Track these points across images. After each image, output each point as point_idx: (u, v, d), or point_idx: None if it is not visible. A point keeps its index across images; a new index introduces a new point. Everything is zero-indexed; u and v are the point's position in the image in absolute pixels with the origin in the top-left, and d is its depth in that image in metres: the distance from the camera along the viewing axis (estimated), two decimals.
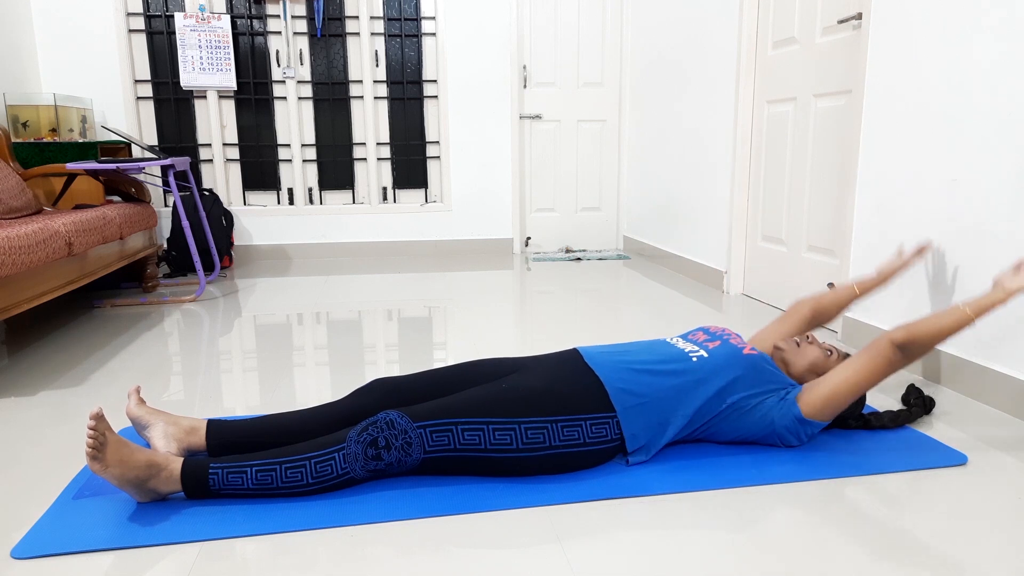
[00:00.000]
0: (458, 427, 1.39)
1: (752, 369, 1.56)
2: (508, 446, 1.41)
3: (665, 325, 2.77)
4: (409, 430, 1.37)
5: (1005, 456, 1.58)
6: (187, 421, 1.50)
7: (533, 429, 1.42)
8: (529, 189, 4.85)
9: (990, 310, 1.55)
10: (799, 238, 2.87)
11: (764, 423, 1.55)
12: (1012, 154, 1.79)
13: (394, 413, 1.39)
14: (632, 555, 1.20)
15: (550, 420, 1.43)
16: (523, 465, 1.43)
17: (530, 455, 1.42)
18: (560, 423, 1.43)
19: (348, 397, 1.56)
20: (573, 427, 1.44)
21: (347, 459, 1.36)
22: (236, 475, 1.34)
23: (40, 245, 2.30)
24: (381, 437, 1.36)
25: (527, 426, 1.41)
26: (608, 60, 4.75)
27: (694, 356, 1.57)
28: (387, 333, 2.72)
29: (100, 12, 4.20)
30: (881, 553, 1.20)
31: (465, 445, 1.40)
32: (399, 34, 4.56)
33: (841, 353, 1.70)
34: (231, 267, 4.33)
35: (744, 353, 1.58)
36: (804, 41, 2.79)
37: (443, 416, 1.40)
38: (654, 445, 1.51)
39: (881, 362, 1.52)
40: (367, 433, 1.37)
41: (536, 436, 1.42)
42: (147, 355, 2.43)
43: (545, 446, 1.42)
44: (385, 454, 1.37)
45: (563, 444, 1.44)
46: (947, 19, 1.99)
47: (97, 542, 1.23)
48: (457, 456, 1.41)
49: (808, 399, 1.55)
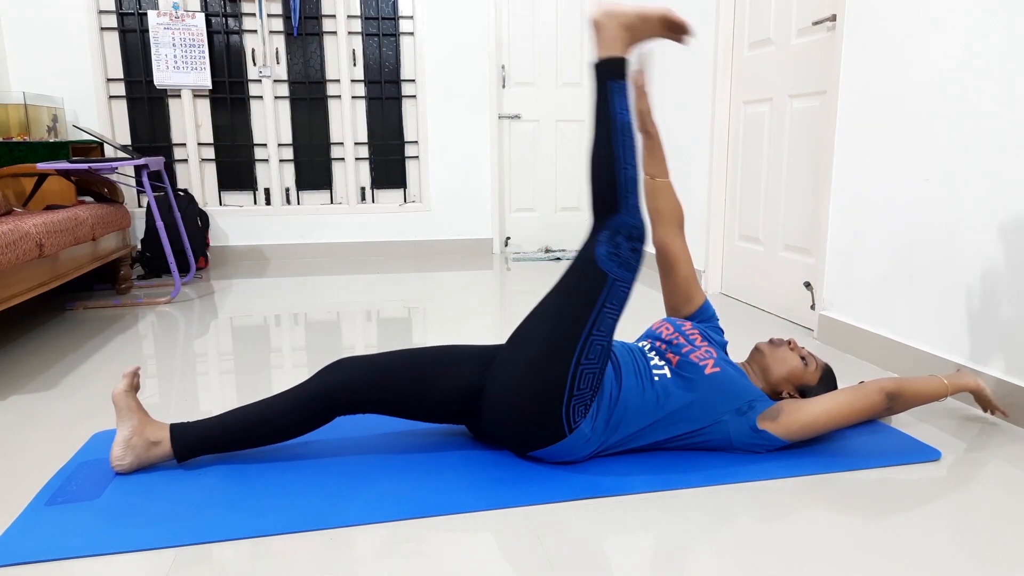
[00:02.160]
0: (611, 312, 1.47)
1: (713, 390, 1.52)
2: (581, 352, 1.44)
3: (643, 324, 2.79)
4: (628, 268, 1.46)
5: (978, 452, 1.60)
6: (153, 432, 1.48)
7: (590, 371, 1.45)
8: (508, 189, 4.85)
9: (961, 390, 1.70)
10: (775, 237, 2.90)
11: (721, 439, 1.54)
12: (985, 153, 1.83)
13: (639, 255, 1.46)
14: (612, 554, 1.20)
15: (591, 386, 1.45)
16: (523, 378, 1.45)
17: (563, 373, 1.42)
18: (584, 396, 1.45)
19: (314, 377, 1.52)
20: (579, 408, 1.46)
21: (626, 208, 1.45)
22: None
23: (10, 247, 2.25)
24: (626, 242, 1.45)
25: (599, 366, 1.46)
26: (587, 60, 4.76)
27: (656, 374, 1.54)
28: (366, 334, 2.71)
29: (71, 9, 4.13)
30: (856, 549, 1.21)
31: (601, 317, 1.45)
32: (377, 33, 4.53)
33: (819, 363, 1.69)
34: (207, 268, 4.28)
35: (706, 373, 1.53)
36: (780, 42, 2.82)
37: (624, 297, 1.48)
38: (595, 441, 1.49)
39: (867, 404, 1.56)
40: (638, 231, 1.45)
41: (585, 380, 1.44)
42: (121, 358, 2.39)
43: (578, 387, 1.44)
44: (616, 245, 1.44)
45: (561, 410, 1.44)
46: (920, 20, 2.02)
47: (70, 550, 1.21)
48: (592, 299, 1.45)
49: (785, 422, 1.52)
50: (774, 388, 1.66)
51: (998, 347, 1.81)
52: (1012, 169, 1.74)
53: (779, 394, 1.66)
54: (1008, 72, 1.75)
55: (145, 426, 1.48)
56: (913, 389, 1.62)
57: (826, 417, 1.53)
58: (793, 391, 1.65)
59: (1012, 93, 1.74)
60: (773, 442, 1.53)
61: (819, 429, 1.54)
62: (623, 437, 1.51)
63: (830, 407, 1.54)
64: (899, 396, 1.60)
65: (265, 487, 1.42)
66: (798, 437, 1.54)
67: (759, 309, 3.06)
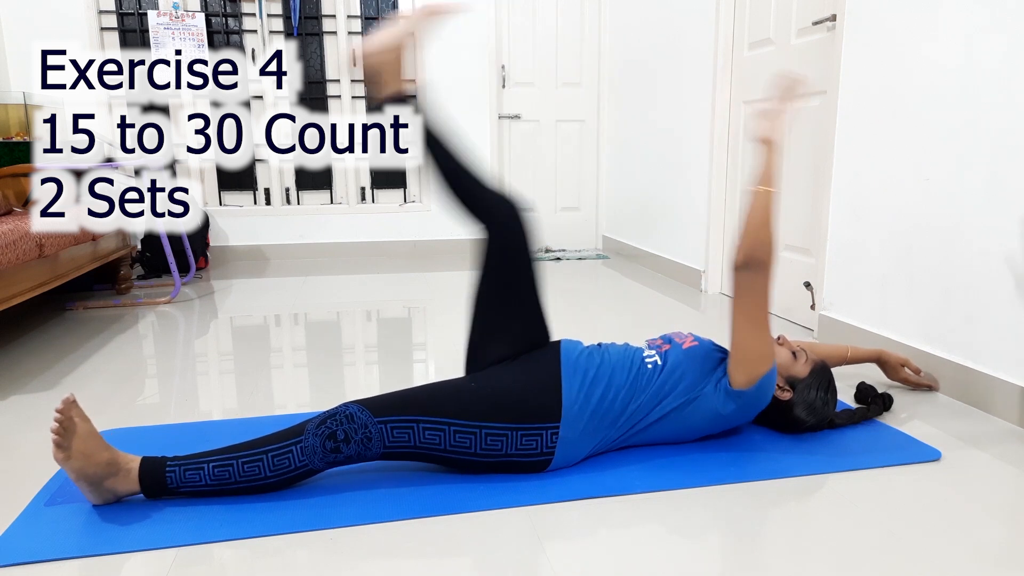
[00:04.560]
0: (419, 425, 1.38)
1: (688, 359, 1.54)
2: (467, 449, 1.40)
3: (644, 325, 2.79)
4: (370, 425, 1.35)
5: (979, 452, 1.60)
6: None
7: (493, 436, 1.41)
8: (508, 189, 4.84)
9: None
10: (777, 236, 2.90)
11: (711, 414, 1.52)
12: (984, 154, 1.83)
13: (354, 406, 1.37)
14: (613, 554, 1.20)
15: (510, 428, 1.41)
16: (477, 466, 1.44)
17: (486, 460, 1.42)
18: (519, 431, 1.42)
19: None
20: (532, 436, 1.43)
21: (305, 452, 1.34)
22: (193, 471, 1.32)
23: (10, 247, 2.25)
24: (340, 431, 1.34)
25: (487, 431, 1.40)
26: (586, 60, 4.76)
27: (648, 362, 1.55)
28: (366, 334, 2.71)
29: (71, 9, 4.13)
30: (856, 549, 1.21)
31: (425, 443, 1.39)
32: None
33: (811, 357, 1.68)
34: (207, 268, 4.28)
35: (684, 348, 1.57)
36: (779, 42, 2.82)
37: (405, 412, 1.38)
38: (579, 453, 1.49)
39: (742, 291, 1.49)
40: (326, 426, 1.34)
41: (495, 443, 1.41)
42: (121, 358, 2.39)
43: (501, 453, 1.42)
44: (344, 447, 1.35)
45: (518, 453, 1.43)
46: (920, 20, 2.02)
47: (70, 550, 1.20)
48: (416, 452, 1.40)
49: (731, 365, 1.50)
50: None
51: (998, 347, 1.81)
52: (1012, 169, 1.74)
53: None
54: (1008, 72, 1.75)
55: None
56: (749, 230, 1.48)
57: (736, 334, 1.49)
58: (782, 382, 1.64)
59: (1012, 93, 1.74)
60: (744, 395, 1.49)
61: (743, 345, 1.48)
62: (622, 432, 1.51)
63: (731, 323, 1.50)
64: (748, 253, 1.46)
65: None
66: (741, 371, 1.48)
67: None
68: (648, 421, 1.52)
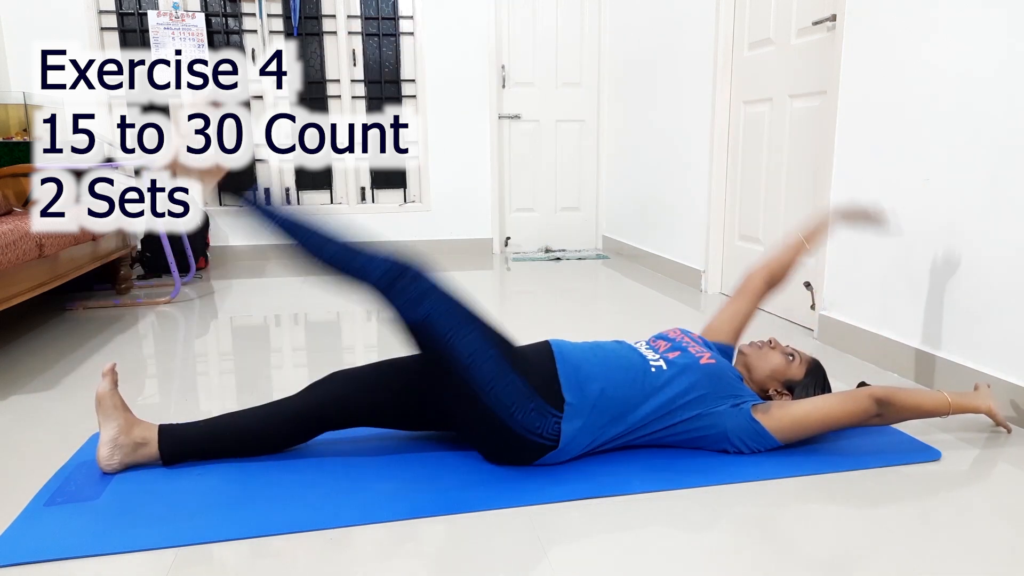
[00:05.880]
0: (472, 327, 1.43)
1: (707, 378, 1.53)
2: (486, 377, 1.40)
3: (644, 325, 2.79)
4: (426, 297, 1.42)
5: (979, 451, 1.60)
6: (140, 433, 1.47)
7: (514, 390, 1.41)
8: (508, 189, 4.85)
9: (967, 411, 1.64)
10: (776, 237, 2.90)
11: (715, 431, 1.53)
12: (984, 154, 1.83)
13: (426, 279, 1.44)
14: (612, 554, 1.20)
15: (529, 396, 1.41)
16: (478, 413, 1.42)
17: (492, 404, 1.40)
18: (532, 405, 1.41)
19: (305, 391, 1.52)
20: (540, 416, 1.42)
21: (373, 261, 1.45)
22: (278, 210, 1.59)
23: (10, 247, 2.25)
24: (401, 284, 1.42)
25: (513, 385, 1.41)
26: (587, 60, 4.76)
27: (653, 366, 1.54)
28: (366, 334, 2.71)
29: (71, 9, 4.13)
30: (856, 549, 1.21)
31: (457, 342, 1.41)
32: (376, 33, 4.53)
33: (805, 358, 1.69)
34: (207, 268, 4.28)
35: (701, 363, 1.55)
36: (780, 42, 2.82)
37: (458, 315, 1.44)
38: (576, 447, 1.48)
39: (855, 408, 1.52)
40: (396, 269, 1.43)
41: (510, 396, 1.40)
42: (121, 358, 2.39)
43: (509, 407, 1.40)
44: (397, 296, 1.42)
45: (522, 421, 1.41)
46: (920, 20, 2.02)
47: (70, 550, 1.20)
48: (442, 346, 1.41)
49: (776, 415, 1.52)
50: (761, 387, 1.67)
51: (998, 347, 1.81)
52: (1012, 170, 1.74)
53: (767, 393, 1.66)
54: (1008, 72, 1.74)
55: (132, 426, 1.47)
56: (905, 400, 1.56)
57: (816, 414, 1.52)
58: (780, 387, 1.65)
59: (1012, 93, 1.73)
60: (766, 438, 1.53)
61: (807, 426, 1.53)
62: (622, 431, 1.51)
63: (818, 405, 1.53)
64: (889, 404, 1.53)
65: (265, 487, 1.41)
66: (788, 433, 1.53)
67: (759, 309, 3.05)
68: (656, 427, 1.52)
